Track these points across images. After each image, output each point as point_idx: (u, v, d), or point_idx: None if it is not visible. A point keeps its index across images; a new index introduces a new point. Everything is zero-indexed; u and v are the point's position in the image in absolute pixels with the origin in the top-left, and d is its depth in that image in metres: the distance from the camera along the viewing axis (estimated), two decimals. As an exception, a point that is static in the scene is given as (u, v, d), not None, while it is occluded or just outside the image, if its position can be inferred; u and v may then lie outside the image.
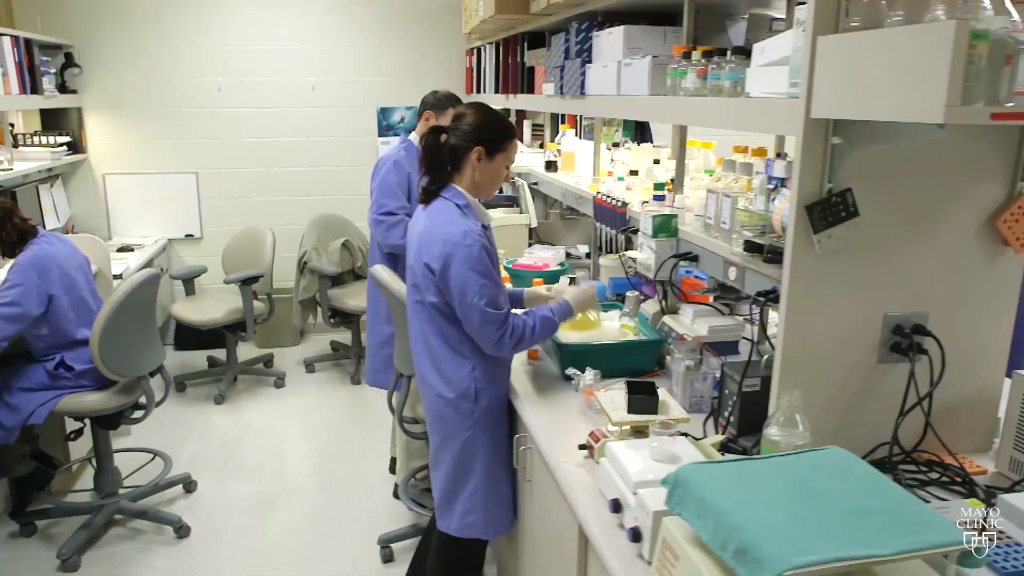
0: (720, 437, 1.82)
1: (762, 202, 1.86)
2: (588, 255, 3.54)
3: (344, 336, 5.32)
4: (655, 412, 1.74)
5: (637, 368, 2.26)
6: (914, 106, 1.24)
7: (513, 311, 2.13)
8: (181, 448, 3.96)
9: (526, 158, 4.08)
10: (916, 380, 1.67)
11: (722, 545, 1.12)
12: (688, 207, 2.35)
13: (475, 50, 4.86)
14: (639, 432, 1.75)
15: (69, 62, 4.83)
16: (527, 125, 4.73)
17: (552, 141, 4.09)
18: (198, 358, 5.16)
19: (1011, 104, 1.30)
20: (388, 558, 3.01)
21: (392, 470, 3.62)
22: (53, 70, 4.64)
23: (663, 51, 2.39)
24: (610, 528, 1.53)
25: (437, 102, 3.25)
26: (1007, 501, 1.45)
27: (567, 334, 2.33)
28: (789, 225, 1.60)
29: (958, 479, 1.67)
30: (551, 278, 2.88)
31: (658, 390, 1.80)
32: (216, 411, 4.47)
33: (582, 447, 1.82)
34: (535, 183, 3.86)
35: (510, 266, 2.98)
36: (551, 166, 3.74)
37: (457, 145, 2.10)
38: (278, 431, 4.25)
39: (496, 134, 2.11)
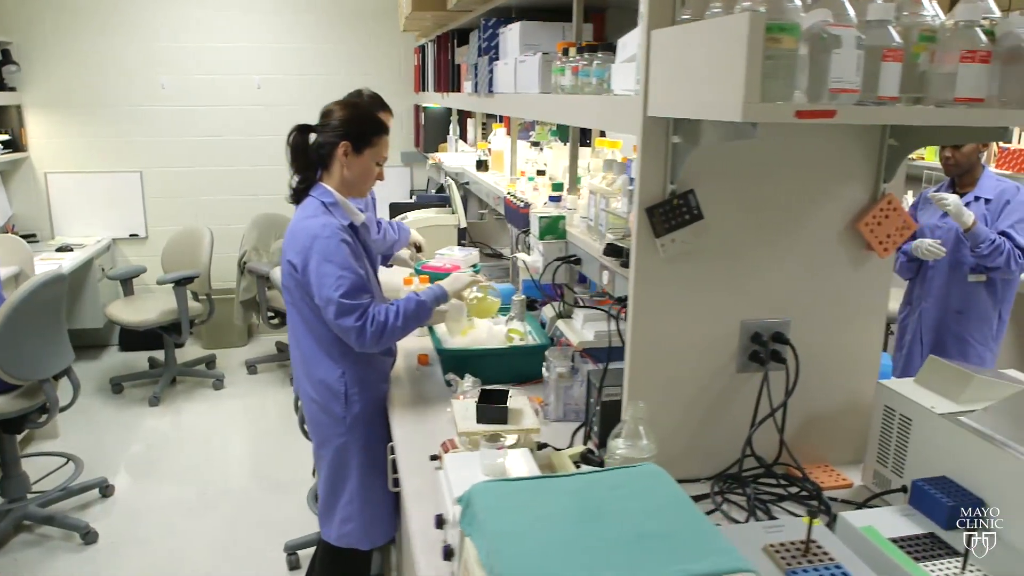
0: (580, 448, 1.76)
1: (625, 204, 1.80)
2: (518, 256, 3.48)
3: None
4: (504, 422, 1.67)
5: (523, 374, 2.20)
6: (717, 103, 1.17)
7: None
8: (109, 451, 3.89)
9: (461, 157, 4.02)
10: (770, 390, 1.60)
11: (491, 570, 1.05)
12: (580, 208, 2.29)
13: (422, 47, 4.79)
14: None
15: (7, 59, 4.76)
16: (471, 124, 4.65)
17: (483, 140, 4.03)
18: (141, 359, 5.08)
19: (836, 102, 1.24)
20: (294, 565, 2.94)
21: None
22: (-13, 66, 4.57)
23: (560, 48, 2.33)
24: (435, 545, 1.46)
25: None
26: (845, 519, 1.38)
27: (453, 339, 2.26)
28: (633, 228, 1.54)
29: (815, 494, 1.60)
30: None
31: (511, 398, 1.72)
32: (150, 413, 4.39)
33: (433, 458, 1.75)
34: (466, 182, 3.79)
35: (420, 267, 2.91)
36: (481, 165, 3.67)
37: (324, 142, 2.04)
38: (210, 434, 4.17)
39: (363, 129, 2.05)
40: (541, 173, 2.71)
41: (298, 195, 2.08)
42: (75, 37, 4.96)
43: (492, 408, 1.67)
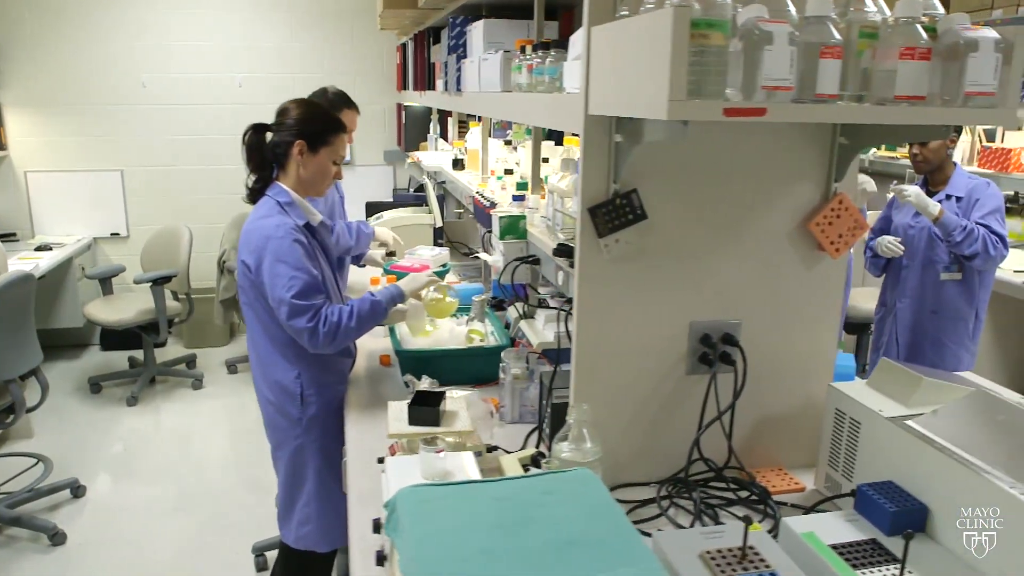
0: (531, 451, 1.73)
1: (576, 203, 1.77)
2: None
3: (273, 337, 5.22)
4: (436, 424, 1.64)
5: (482, 375, 2.17)
6: (645, 101, 1.14)
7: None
8: (85, 451, 3.86)
9: (439, 156, 3.99)
10: (719, 393, 1.58)
11: (408, 577, 1.03)
12: (541, 208, 2.26)
13: (403, 45, 4.76)
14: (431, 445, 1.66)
15: (-15, 56, 4.74)
16: (450, 122, 4.62)
17: (460, 138, 4.00)
18: (121, 359, 5.06)
19: (771, 99, 1.21)
20: (262, 567, 2.92)
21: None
22: (-35, 64, 4.54)
23: (525, 45, 2.30)
24: (373, 550, 1.43)
25: (329, 103, 3.14)
26: (787, 524, 1.35)
27: (414, 340, 2.24)
28: (576, 228, 1.51)
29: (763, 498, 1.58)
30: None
31: (449, 400, 1.70)
32: (128, 413, 4.37)
33: (381, 460, 1.72)
34: (443, 181, 3.77)
35: (388, 267, 2.88)
36: (458, 164, 3.64)
37: (279, 141, 2.02)
38: (187, 434, 4.15)
39: (319, 127, 2.02)
40: (509, 172, 2.68)
41: (254, 195, 2.06)
42: (55, 35, 4.93)
43: (423, 410, 1.65)
